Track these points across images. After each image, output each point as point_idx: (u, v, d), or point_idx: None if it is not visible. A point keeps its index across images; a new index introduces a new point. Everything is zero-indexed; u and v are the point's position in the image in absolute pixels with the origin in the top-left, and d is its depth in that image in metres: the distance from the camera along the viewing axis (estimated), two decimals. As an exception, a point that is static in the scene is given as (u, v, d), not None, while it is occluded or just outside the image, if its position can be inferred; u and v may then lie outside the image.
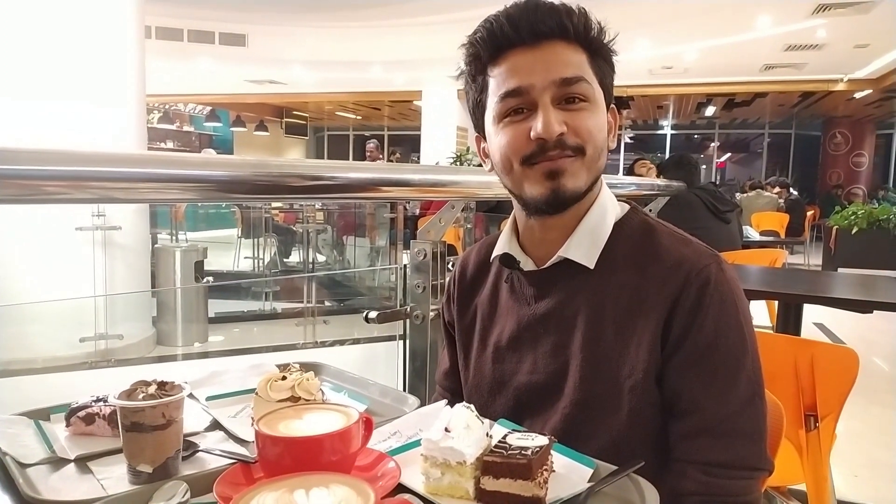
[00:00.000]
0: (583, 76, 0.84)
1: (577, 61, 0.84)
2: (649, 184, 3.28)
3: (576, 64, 0.84)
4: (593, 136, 0.84)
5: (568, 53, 0.84)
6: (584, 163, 0.85)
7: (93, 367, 3.83)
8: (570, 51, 0.84)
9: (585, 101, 0.84)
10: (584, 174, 0.85)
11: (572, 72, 0.83)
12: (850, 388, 1.48)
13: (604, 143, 0.87)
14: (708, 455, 0.80)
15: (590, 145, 0.84)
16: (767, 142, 16.99)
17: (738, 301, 0.83)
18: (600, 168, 0.88)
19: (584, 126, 0.84)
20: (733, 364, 0.81)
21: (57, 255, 3.94)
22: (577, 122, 0.83)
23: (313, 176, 1.17)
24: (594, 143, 0.85)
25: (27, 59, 3.76)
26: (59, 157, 0.86)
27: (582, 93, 0.84)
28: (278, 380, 0.91)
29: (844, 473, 2.64)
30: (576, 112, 0.84)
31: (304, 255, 6.82)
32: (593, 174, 0.87)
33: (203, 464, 0.79)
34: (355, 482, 0.56)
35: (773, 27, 7.73)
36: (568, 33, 0.83)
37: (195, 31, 8.46)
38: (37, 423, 0.89)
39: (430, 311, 1.52)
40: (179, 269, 4.80)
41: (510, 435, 0.74)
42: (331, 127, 19.45)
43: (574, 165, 0.84)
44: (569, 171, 0.84)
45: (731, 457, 0.80)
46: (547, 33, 0.83)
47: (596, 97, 0.85)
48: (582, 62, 0.84)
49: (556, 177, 0.84)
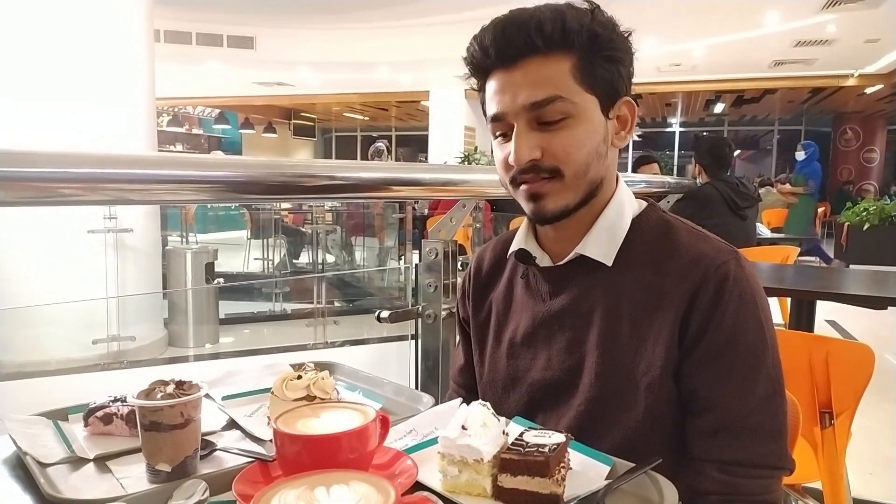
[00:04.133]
0: (556, 95, 0.80)
1: (553, 76, 0.81)
2: (660, 181, 3.26)
3: (549, 82, 0.81)
4: (572, 156, 0.83)
5: (544, 70, 0.81)
6: (565, 184, 0.84)
7: (106, 368, 3.86)
8: (549, 65, 0.81)
9: (565, 118, 0.82)
10: (566, 193, 0.84)
11: (544, 93, 0.80)
12: (865, 385, 1.47)
13: (590, 156, 0.84)
14: (727, 453, 0.80)
15: (568, 165, 0.83)
16: (777, 138, 16.88)
17: (757, 298, 0.82)
18: (592, 180, 0.86)
19: (562, 147, 0.82)
20: (753, 361, 0.80)
21: (69, 258, 3.96)
22: (553, 144, 0.82)
23: (326, 176, 1.18)
24: (573, 161, 0.83)
25: (39, 63, 3.79)
26: (75, 159, 0.87)
27: (558, 112, 0.81)
28: (293, 379, 0.92)
29: (859, 471, 2.61)
30: (553, 133, 0.82)
31: (314, 256, 6.84)
32: (582, 189, 0.85)
33: (221, 463, 0.80)
34: (375, 479, 0.57)
35: (782, 23, 7.68)
36: (538, 49, 0.80)
37: (204, 35, 8.51)
38: (55, 423, 0.90)
39: (442, 311, 1.53)
40: (190, 270, 4.83)
41: (527, 432, 0.74)
42: (338, 128, 19.50)
43: (554, 188, 0.84)
44: (549, 193, 0.84)
45: (750, 455, 0.79)
46: (516, 54, 0.81)
47: (578, 110, 0.82)
48: (560, 75, 0.81)
49: (537, 199, 0.85)
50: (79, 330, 3.92)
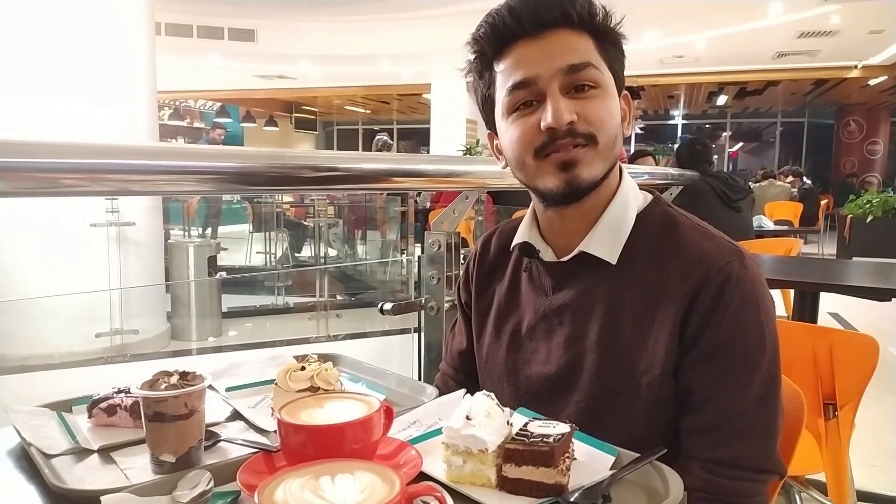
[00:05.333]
0: (590, 62, 0.82)
1: (583, 47, 0.83)
2: (662, 173, 3.26)
3: (582, 50, 0.82)
4: (605, 124, 0.83)
5: (573, 40, 0.82)
6: (598, 151, 0.83)
7: (109, 361, 3.87)
8: (576, 38, 0.83)
9: (595, 88, 0.83)
10: (598, 163, 0.84)
11: (579, 58, 0.82)
12: (869, 377, 1.47)
13: (617, 129, 0.85)
14: (713, 452, 0.79)
15: (602, 133, 0.83)
16: (780, 130, 16.82)
17: (759, 299, 0.81)
18: (616, 156, 0.87)
19: (596, 113, 0.82)
20: (749, 363, 0.80)
21: (72, 252, 3.97)
22: (587, 109, 0.82)
23: (328, 167, 1.17)
24: (606, 130, 0.83)
25: (39, 58, 3.78)
26: (77, 149, 0.87)
27: (591, 79, 0.82)
28: (297, 370, 0.91)
29: (861, 463, 2.61)
30: (586, 100, 0.82)
31: (316, 249, 6.84)
32: (609, 162, 0.85)
33: (225, 453, 0.80)
34: (380, 469, 0.56)
35: (786, 14, 7.64)
36: (572, 20, 0.82)
37: (205, 27, 8.50)
38: (59, 414, 0.90)
39: (446, 303, 1.52)
40: (193, 264, 4.83)
41: (531, 423, 0.73)
42: (340, 121, 19.47)
43: (588, 155, 0.83)
44: (583, 160, 0.83)
45: (736, 454, 0.79)
46: (550, 22, 0.82)
47: (606, 82, 0.84)
48: (589, 48, 0.83)
49: (570, 167, 0.83)
50: (82, 323, 3.93)
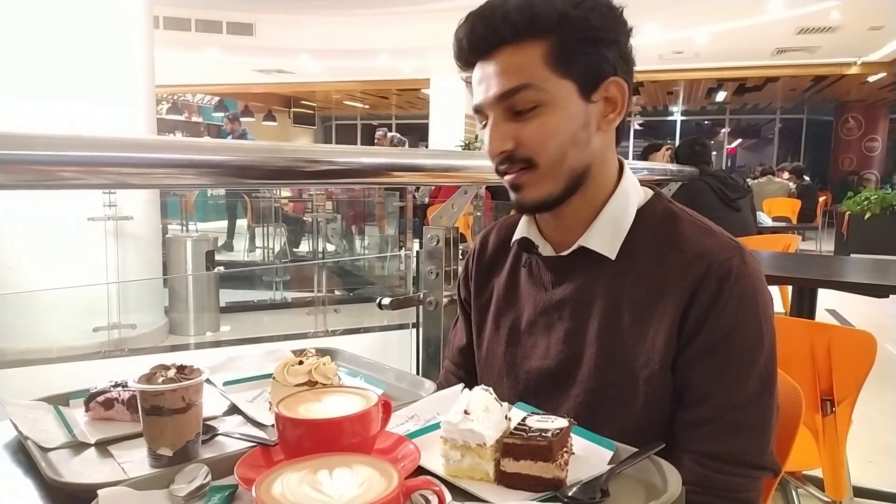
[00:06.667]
0: (525, 83, 0.79)
1: (522, 65, 0.80)
2: (661, 169, 3.25)
3: (518, 71, 0.80)
4: (545, 144, 0.81)
5: (514, 59, 0.80)
6: (541, 173, 0.83)
7: (107, 356, 3.87)
8: (520, 53, 0.80)
9: (536, 107, 0.80)
10: (545, 183, 0.84)
11: (512, 83, 0.80)
12: (867, 373, 1.47)
13: (564, 145, 0.82)
14: (706, 446, 0.80)
15: (542, 154, 0.82)
16: (779, 127, 16.82)
17: (758, 296, 0.81)
18: (572, 168, 0.83)
19: (533, 136, 0.81)
20: (746, 360, 0.80)
21: (69, 246, 3.96)
22: (524, 133, 0.81)
23: (326, 161, 1.17)
24: (547, 150, 0.81)
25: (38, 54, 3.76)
26: (75, 142, 0.86)
27: (528, 100, 0.80)
28: (295, 364, 0.91)
29: (858, 459, 2.62)
30: (525, 122, 0.81)
31: (314, 244, 6.83)
32: (562, 179, 0.84)
33: (222, 447, 0.80)
34: (378, 462, 0.56)
35: (786, 9, 7.63)
36: (507, 39, 0.80)
37: (203, 21, 8.46)
38: (56, 408, 0.90)
39: (444, 298, 1.52)
40: (190, 258, 4.82)
41: (529, 417, 0.73)
42: (339, 116, 19.44)
43: (531, 178, 0.83)
44: (526, 184, 0.84)
45: (728, 449, 0.79)
46: (488, 47, 0.81)
47: (549, 98, 0.80)
48: (531, 63, 0.79)
49: (516, 190, 0.85)
50: (79, 317, 3.92)
